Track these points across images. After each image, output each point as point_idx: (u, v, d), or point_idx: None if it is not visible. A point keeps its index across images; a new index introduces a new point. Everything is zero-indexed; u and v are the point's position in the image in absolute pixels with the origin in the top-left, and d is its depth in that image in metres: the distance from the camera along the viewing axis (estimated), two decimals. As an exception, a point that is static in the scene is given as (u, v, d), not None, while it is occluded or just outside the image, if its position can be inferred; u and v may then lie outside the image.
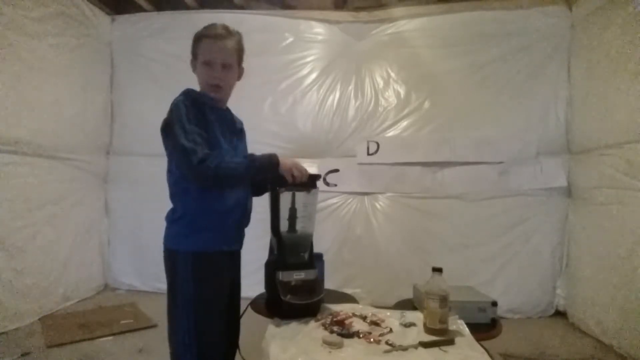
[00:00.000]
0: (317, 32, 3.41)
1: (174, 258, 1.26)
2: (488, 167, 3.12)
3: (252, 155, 1.26)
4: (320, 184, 1.51)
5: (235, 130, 1.40)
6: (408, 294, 1.67)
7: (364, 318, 1.26)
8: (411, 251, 3.16)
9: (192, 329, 1.22)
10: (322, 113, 3.35)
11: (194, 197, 1.24)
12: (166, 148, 1.28)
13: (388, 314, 1.31)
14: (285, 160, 1.24)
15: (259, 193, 1.43)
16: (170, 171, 1.30)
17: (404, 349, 1.04)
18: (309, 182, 1.31)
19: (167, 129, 1.23)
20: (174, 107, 1.23)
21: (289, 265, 1.30)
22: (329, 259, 1.77)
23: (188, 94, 1.28)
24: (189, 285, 1.22)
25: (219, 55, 1.28)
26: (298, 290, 1.25)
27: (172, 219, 1.29)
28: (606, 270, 2.55)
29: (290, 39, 3.41)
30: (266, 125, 3.31)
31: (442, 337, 1.10)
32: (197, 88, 1.34)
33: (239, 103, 3.38)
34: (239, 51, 1.33)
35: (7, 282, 2.56)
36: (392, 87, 3.29)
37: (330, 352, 1.03)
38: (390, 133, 3.26)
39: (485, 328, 1.35)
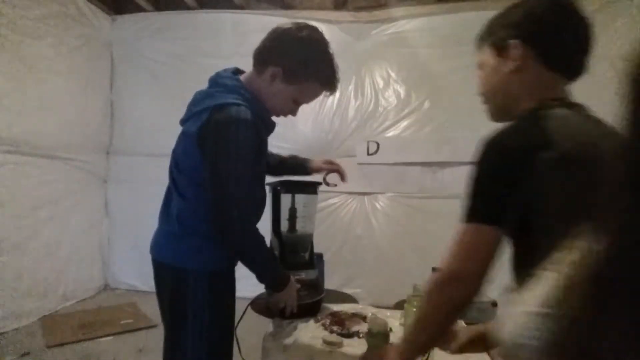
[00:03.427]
0: (317, 32, 3.41)
1: (184, 278, 1.08)
2: (488, 167, 3.12)
3: (276, 262, 1.19)
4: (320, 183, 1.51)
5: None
6: (408, 294, 1.67)
7: (364, 318, 1.26)
8: (411, 251, 3.15)
9: (204, 358, 1.09)
10: (322, 113, 3.35)
11: (208, 209, 1.03)
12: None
13: (388, 314, 1.31)
14: (290, 290, 1.17)
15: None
16: (196, 181, 1.09)
17: (404, 349, 1.04)
18: (309, 188, 1.31)
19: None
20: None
21: (290, 265, 1.30)
22: (329, 259, 1.77)
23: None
24: (204, 310, 1.08)
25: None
26: (298, 290, 1.25)
27: (182, 233, 1.10)
28: (606, 270, 2.55)
29: (290, 39, 3.41)
30: (266, 125, 3.32)
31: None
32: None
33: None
34: None
35: (7, 282, 2.56)
36: (392, 87, 3.29)
37: (330, 352, 1.03)
38: (390, 133, 3.26)
39: (485, 328, 1.35)
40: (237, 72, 1.18)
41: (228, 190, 0.99)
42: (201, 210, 1.06)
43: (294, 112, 1.17)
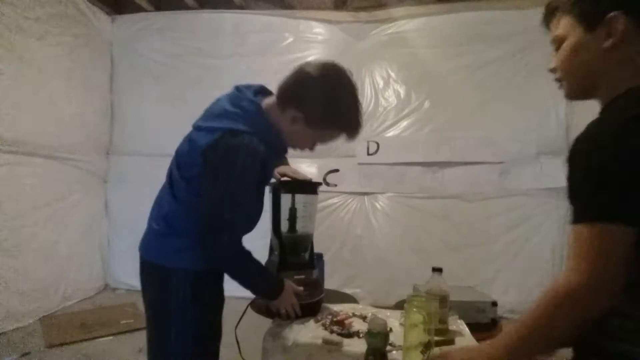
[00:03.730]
0: (317, 32, 3.41)
1: (168, 277, 1.10)
2: (488, 167, 3.12)
3: (267, 272, 1.17)
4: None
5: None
6: (408, 294, 1.67)
7: (364, 318, 1.26)
8: (411, 251, 3.15)
9: (188, 355, 1.12)
10: (322, 113, 3.34)
11: (199, 216, 1.05)
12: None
13: (388, 314, 1.31)
14: (287, 294, 1.16)
15: None
16: (193, 191, 1.08)
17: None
18: (309, 188, 1.30)
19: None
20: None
21: (290, 265, 1.30)
22: (329, 259, 1.77)
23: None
24: (186, 308, 1.09)
25: None
26: (298, 292, 1.25)
27: (168, 232, 1.12)
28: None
29: (290, 39, 3.41)
30: (266, 125, 3.32)
31: (442, 337, 1.09)
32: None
33: (239, 103, 3.35)
34: None
35: (7, 282, 2.56)
36: (392, 87, 3.30)
37: (330, 352, 1.03)
38: (390, 133, 3.27)
39: (485, 328, 1.35)
40: (261, 91, 1.15)
41: (220, 218, 1.01)
42: (191, 214, 1.07)
43: (311, 149, 1.15)
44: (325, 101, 1.02)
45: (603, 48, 0.69)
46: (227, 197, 1.00)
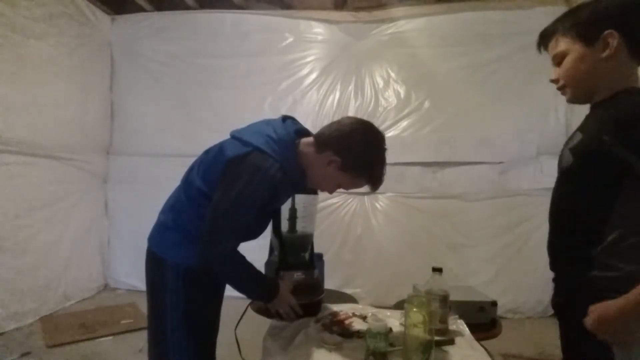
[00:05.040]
0: (317, 32, 3.41)
1: (163, 267, 1.17)
2: (488, 167, 3.12)
3: (260, 277, 1.17)
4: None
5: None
6: (408, 294, 1.67)
7: (364, 318, 1.26)
8: (411, 251, 3.16)
9: (184, 344, 1.16)
10: (322, 113, 3.35)
11: (199, 217, 1.11)
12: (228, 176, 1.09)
13: (388, 314, 1.31)
14: (282, 297, 1.18)
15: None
16: (205, 193, 1.13)
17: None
18: (310, 188, 1.30)
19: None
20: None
21: (290, 265, 1.30)
22: (329, 259, 1.77)
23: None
24: (179, 300, 1.15)
25: None
26: (298, 290, 1.25)
27: (169, 226, 1.19)
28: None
29: (290, 39, 3.41)
30: (266, 125, 3.32)
31: (442, 337, 1.09)
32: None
33: (239, 103, 3.36)
34: None
35: (7, 282, 2.56)
36: (392, 87, 3.30)
37: (330, 352, 1.03)
38: (390, 133, 3.26)
39: (485, 328, 1.35)
40: (303, 130, 1.21)
41: (221, 225, 1.05)
42: (196, 214, 1.13)
43: (331, 192, 1.21)
44: (364, 152, 1.11)
45: (602, 58, 0.86)
46: (232, 209, 1.04)
